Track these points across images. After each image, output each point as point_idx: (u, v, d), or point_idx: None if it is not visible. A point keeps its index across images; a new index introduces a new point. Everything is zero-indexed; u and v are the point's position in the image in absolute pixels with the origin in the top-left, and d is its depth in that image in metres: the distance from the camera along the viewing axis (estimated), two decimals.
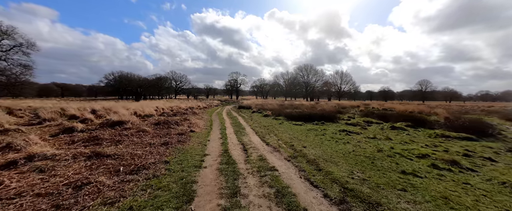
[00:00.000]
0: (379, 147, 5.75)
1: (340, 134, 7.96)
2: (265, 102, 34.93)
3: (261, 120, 12.84)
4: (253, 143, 6.81)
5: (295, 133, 8.33)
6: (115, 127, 7.85)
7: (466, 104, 46.49)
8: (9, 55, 36.22)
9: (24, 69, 37.80)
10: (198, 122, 10.69)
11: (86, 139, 5.69)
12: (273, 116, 14.99)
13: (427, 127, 9.46)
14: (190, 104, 25.97)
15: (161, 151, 5.09)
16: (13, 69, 37.12)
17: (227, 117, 15.12)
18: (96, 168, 3.75)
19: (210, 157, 5.07)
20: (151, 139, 6.22)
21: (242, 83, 74.56)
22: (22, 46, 36.51)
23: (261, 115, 16.51)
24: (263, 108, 20.72)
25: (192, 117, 12.88)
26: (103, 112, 12.54)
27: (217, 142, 6.82)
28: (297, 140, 7.09)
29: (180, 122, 9.50)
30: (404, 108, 20.06)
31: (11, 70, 37.02)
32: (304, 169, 4.18)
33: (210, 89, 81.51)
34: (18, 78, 38.02)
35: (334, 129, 9.29)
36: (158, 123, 8.88)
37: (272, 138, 7.43)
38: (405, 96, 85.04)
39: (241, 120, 12.93)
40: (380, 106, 24.94)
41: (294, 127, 9.90)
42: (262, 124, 11.03)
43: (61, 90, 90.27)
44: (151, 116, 13.21)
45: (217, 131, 8.88)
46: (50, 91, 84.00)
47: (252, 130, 9.36)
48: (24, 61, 37.52)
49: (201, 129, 8.87)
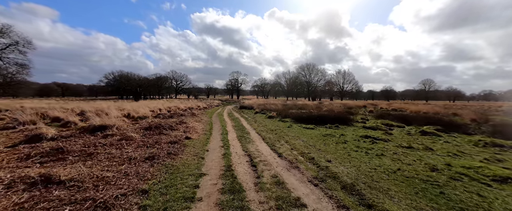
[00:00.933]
0: (430, 163, 4.37)
1: (364, 142, 6.59)
2: (267, 102, 33.56)
3: (266, 123, 11.47)
4: (262, 154, 5.45)
5: (310, 140, 6.96)
6: (96, 133, 6.50)
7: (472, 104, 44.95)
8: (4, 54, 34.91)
9: (20, 68, 36.50)
10: (196, 126, 9.33)
11: (47, 153, 4.34)
12: (279, 117, 13.62)
13: (462, 132, 8.07)
14: (189, 104, 24.63)
15: (142, 171, 3.73)
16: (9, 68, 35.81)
17: (228, 118, 13.77)
18: (29, 209, 2.39)
19: (208, 178, 3.71)
20: (134, 151, 4.86)
21: (243, 82, 73.19)
22: (18, 44, 35.17)
23: (265, 116, 15.14)
24: (266, 108, 19.36)
25: (190, 119, 11.52)
26: (91, 114, 11.19)
27: (218, 152, 5.46)
28: (315, 150, 5.72)
29: (175, 126, 8.14)
30: (416, 108, 18.63)
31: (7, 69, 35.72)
32: (346, 205, 2.81)
33: (211, 88, 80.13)
34: (14, 77, 36.74)
35: (353, 134, 7.92)
36: (149, 128, 7.52)
37: (284, 147, 6.07)
38: (407, 95, 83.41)
39: (244, 122, 11.57)
40: (388, 106, 23.51)
41: (306, 132, 8.53)
42: (268, 128, 9.66)
43: (62, 90, 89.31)
44: (145, 118, 11.86)
45: (218, 136, 7.51)
46: (51, 91, 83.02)
47: (258, 135, 7.99)
48: (20, 60, 36.20)
49: (199, 135, 7.51)
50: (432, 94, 65.72)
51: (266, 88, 77.73)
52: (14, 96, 53.27)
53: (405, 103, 37.15)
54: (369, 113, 18.80)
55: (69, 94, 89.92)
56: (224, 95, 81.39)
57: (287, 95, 62.30)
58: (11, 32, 34.10)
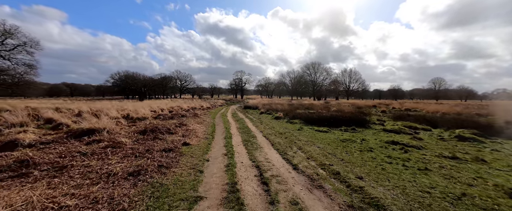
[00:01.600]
0: (499, 184, 3.28)
1: (393, 149, 5.50)
2: (272, 101, 32.52)
3: (274, 124, 10.47)
4: (274, 165, 4.46)
5: (327, 146, 5.92)
6: (82, 138, 5.66)
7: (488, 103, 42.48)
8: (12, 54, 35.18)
9: (28, 69, 36.76)
10: (197, 129, 8.41)
11: (8, 166, 3.48)
12: (286, 118, 12.59)
13: (506, 137, 6.85)
14: (193, 104, 23.89)
15: (119, 194, 2.81)
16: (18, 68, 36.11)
17: (232, 119, 12.84)
18: None
19: (206, 205, 2.75)
20: (118, 163, 3.96)
21: (247, 82, 72.26)
22: (26, 45, 35.38)
23: (271, 117, 14.14)
24: (272, 108, 18.33)
25: (191, 121, 10.64)
26: (87, 115, 10.47)
27: (220, 163, 4.51)
28: (337, 160, 4.69)
29: (174, 129, 7.24)
30: (434, 108, 17.20)
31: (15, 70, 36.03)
32: None
33: (215, 88, 79.57)
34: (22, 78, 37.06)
35: (375, 139, 6.82)
36: (144, 131, 6.65)
37: (298, 156, 5.06)
38: (415, 95, 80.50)
39: (250, 124, 10.61)
40: (400, 106, 22.05)
41: (319, 135, 7.48)
42: (276, 130, 8.66)
43: (70, 90, 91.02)
44: (145, 119, 11.06)
45: (221, 141, 6.57)
46: (60, 91, 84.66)
47: (266, 139, 7.00)
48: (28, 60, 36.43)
49: (200, 140, 6.58)
50: (442, 93, 62.88)
51: (270, 88, 76.53)
52: (24, 96, 54.16)
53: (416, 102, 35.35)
54: (382, 113, 17.50)
55: (78, 94, 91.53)
56: (228, 94, 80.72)
57: (292, 94, 60.94)
58: (18, 32, 34.30)
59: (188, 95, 72.76)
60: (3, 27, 31.92)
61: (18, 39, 34.90)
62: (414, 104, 25.50)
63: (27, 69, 36.76)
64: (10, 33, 33.83)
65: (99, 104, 17.27)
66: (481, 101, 57.09)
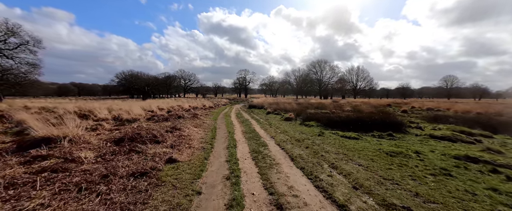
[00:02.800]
0: None
1: (480, 172, 3.60)
2: (277, 100, 30.61)
3: (285, 127, 8.64)
4: (305, 203, 2.67)
5: (371, 163, 4.07)
6: (28, 151, 3.99)
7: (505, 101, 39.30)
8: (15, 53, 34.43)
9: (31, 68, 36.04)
10: (193, 134, 6.65)
11: None
12: (299, 120, 10.72)
13: None
14: (195, 103, 22.28)
15: None
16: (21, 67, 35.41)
17: (237, 121, 11.07)
18: None
19: None
20: (41, 206, 2.22)
21: (251, 81, 70.39)
22: (28, 43, 34.58)
23: (280, 117, 12.29)
24: (279, 107, 16.47)
25: (188, 123, 8.91)
26: (71, 116, 8.90)
27: (219, 197, 2.74)
28: (407, 194, 2.83)
29: (162, 136, 5.51)
30: (463, 108, 14.95)
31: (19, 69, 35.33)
32: None
33: (219, 87, 78.01)
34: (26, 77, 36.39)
35: (432, 150, 4.89)
36: (120, 140, 4.94)
37: (337, 183, 3.24)
38: (425, 93, 76.86)
39: (257, 127, 8.81)
40: (421, 105, 19.78)
41: (349, 144, 5.62)
42: (291, 135, 6.84)
43: (78, 90, 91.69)
44: (135, 120, 9.41)
45: (222, 153, 4.80)
46: (68, 91, 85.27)
47: (281, 150, 5.19)
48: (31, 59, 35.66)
49: (193, 151, 4.81)
50: (454, 91, 59.32)
51: (274, 87, 74.40)
52: (32, 95, 53.89)
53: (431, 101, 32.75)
54: (404, 113, 15.40)
55: (85, 94, 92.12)
56: (232, 94, 79.05)
57: (297, 93, 58.69)
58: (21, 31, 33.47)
59: (192, 95, 71.53)
60: (5, 25, 31.00)
61: (20, 38, 34.02)
62: (434, 103, 23.12)
63: (30, 68, 36.00)
64: (12, 31, 32.95)
65: (97, 104, 15.89)
66: (497, 100, 53.49)
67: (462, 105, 16.05)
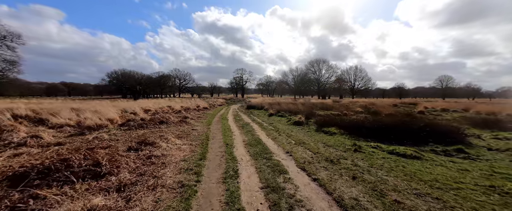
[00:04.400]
0: None
1: None
2: (277, 100, 28.50)
3: (299, 135, 6.46)
4: None
5: None
6: None
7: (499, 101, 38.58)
8: None
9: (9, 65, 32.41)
10: (171, 152, 4.34)
11: None
12: (313, 124, 8.57)
13: None
14: (188, 104, 19.85)
15: None
16: None
17: (235, 125, 8.80)
18: None
19: None
20: None
21: (247, 80, 68.03)
22: (6, 39, 30.98)
23: (286, 121, 10.12)
24: (283, 109, 14.30)
25: (172, 130, 6.58)
26: (9, 123, 6.41)
27: None
28: None
29: (112, 162, 3.22)
30: (486, 109, 13.21)
31: None
32: None
33: (215, 87, 75.17)
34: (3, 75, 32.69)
35: None
36: (23, 176, 2.63)
37: None
38: (419, 93, 76.64)
39: (262, 134, 6.56)
40: (433, 106, 18.04)
41: (414, 168, 3.50)
42: (313, 150, 4.67)
43: (68, 89, 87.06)
44: (101, 128, 6.99)
45: (215, 197, 2.56)
46: (58, 91, 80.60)
47: (314, 181, 2.97)
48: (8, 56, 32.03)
49: (158, 198, 2.55)
50: (449, 91, 58.92)
51: (272, 86, 72.30)
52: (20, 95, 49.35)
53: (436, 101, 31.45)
54: (420, 114, 13.55)
55: (76, 94, 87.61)
56: (228, 93, 76.39)
57: (295, 93, 56.82)
58: None
59: (187, 94, 68.47)
60: None
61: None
62: (446, 103, 21.51)
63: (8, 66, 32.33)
64: None
65: (75, 104, 13.33)
66: (490, 100, 53.30)
67: (483, 106, 14.34)
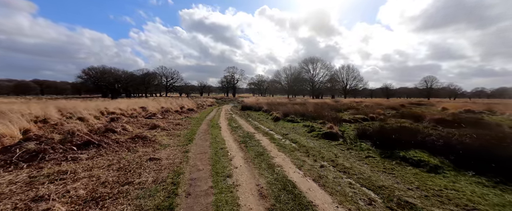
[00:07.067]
0: None
1: None
2: (272, 100, 25.30)
3: (374, 175, 3.24)
4: None
5: None
6: None
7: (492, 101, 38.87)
8: None
9: None
10: None
11: None
12: (360, 139, 5.39)
13: None
14: (170, 104, 15.85)
15: None
16: None
17: (233, 140, 5.29)
18: None
19: None
20: None
21: (239, 79, 64.14)
22: None
23: (306, 130, 6.83)
24: (289, 111, 11.03)
25: (82, 176, 2.99)
26: None
27: None
28: None
29: None
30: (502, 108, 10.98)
31: None
32: None
33: (204, 86, 70.23)
34: None
35: None
36: None
37: None
38: (403, 93, 78.11)
39: (294, 171, 3.18)
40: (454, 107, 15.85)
41: None
42: None
43: (41, 88, 76.79)
44: None
45: None
46: (29, 89, 70.41)
47: None
48: None
49: None
50: (433, 92, 60.11)
51: (264, 86, 69.17)
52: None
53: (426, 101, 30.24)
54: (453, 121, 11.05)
55: (51, 92, 77.66)
56: (219, 93, 71.90)
57: (288, 93, 54.19)
58: None
59: (175, 94, 62.92)
60: None
61: None
62: (464, 103, 19.54)
63: None
64: None
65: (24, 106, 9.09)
66: (470, 99, 54.83)
67: (500, 106, 12.17)
